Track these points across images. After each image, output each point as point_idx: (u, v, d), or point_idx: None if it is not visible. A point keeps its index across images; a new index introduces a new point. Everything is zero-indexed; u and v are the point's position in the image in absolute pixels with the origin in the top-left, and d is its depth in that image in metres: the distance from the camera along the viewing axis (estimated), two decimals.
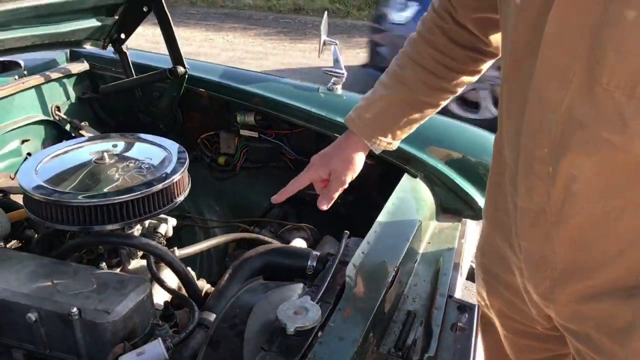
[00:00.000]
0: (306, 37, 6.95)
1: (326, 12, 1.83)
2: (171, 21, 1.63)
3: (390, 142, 1.15)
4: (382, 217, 1.26)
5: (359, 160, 1.14)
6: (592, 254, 0.87)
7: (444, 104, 1.17)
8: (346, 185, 1.14)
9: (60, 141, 1.64)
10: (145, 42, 6.29)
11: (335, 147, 1.15)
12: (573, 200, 0.83)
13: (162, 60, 1.82)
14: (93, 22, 1.57)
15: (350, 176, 1.14)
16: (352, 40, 6.72)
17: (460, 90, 1.16)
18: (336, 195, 1.14)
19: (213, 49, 6.33)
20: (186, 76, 1.65)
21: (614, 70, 0.71)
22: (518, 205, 0.91)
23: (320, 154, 1.15)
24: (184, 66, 1.64)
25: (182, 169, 1.25)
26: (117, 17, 1.61)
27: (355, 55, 5.79)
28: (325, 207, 1.13)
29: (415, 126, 1.18)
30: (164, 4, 1.58)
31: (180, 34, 6.80)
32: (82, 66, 1.79)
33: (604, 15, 0.71)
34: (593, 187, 0.81)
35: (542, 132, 0.81)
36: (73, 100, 1.78)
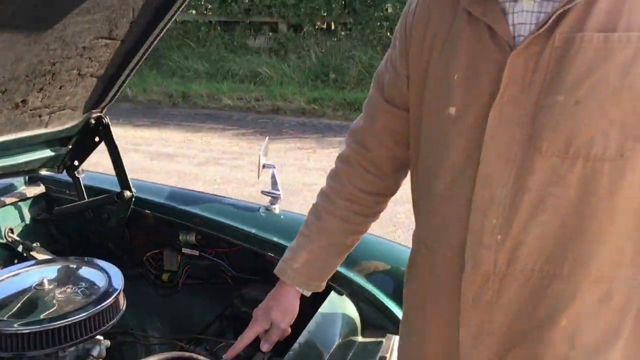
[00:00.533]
0: (282, 136, 7.23)
1: (267, 138, 2.00)
2: (119, 149, 1.76)
3: (319, 284, 1.34)
4: (302, 338, 1.35)
5: (294, 305, 1.34)
6: (528, 318, 1.00)
7: (361, 236, 1.32)
8: (288, 332, 1.36)
9: (12, 262, 1.73)
10: (125, 143, 6.52)
11: (272, 299, 1.34)
12: (516, 264, 0.98)
13: (114, 182, 1.94)
14: (48, 153, 1.71)
15: (289, 322, 1.35)
16: (325, 140, 7.00)
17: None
18: (276, 339, 1.35)
19: (191, 150, 6.55)
20: (133, 199, 1.78)
21: (550, 142, 0.92)
22: (461, 284, 1.02)
23: (261, 308, 1.35)
24: (130, 190, 1.77)
25: (116, 292, 1.34)
26: (70, 147, 1.76)
27: (329, 154, 6.02)
28: (266, 350, 1.35)
29: (340, 262, 1.34)
30: (113, 135, 1.73)
31: (161, 135, 7.11)
32: (38, 189, 1.92)
33: (538, 103, 0.92)
34: (535, 250, 0.96)
35: (492, 206, 0.97)
36: (28, 222, 1.89)
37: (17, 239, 1.80)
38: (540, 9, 0.96)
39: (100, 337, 1.42)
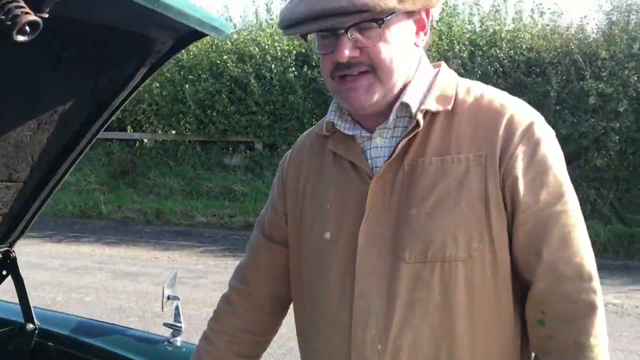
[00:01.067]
0: None
1: (176, 270, 2.06)
2: (24, 282, 1.81)
3: None
4: None
5: None
6: None
7: None
8: None
9: None
10: (91, 262, 6.51)
11: None
12: None
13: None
14: None
15: None
16: None
17: None
18: None
19: (156, 269, 6.54)
20: (36, 331, 1.80)
21: (411, 249, 1.08)
22: None
23: None
24: (33, 323, 1.80)
25: None
26: None
27: None
28: None
29: None
30: (19, 269, 1.78)
31: (128, 253, 7.13)
32: None
33: (398, 219, 1.10)
34: (413, 352, 1.08)
35: (370, 318, 1.10)
36: None
37: None
38: (390, 143, 1.17)
39: None
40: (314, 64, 9.42)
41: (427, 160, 1.10)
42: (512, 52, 8.83)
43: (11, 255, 1.76)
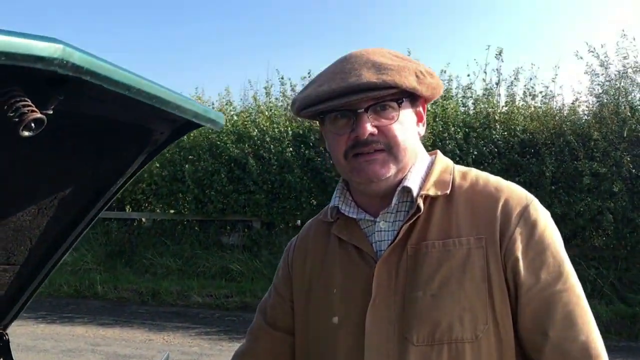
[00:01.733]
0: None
1: (168, 353, 2.05)
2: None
3: None
4: None
5: None
6: None
7: None
8: None
9: None
10: (84, 343, 6.39)
11: None
12: None
13: None
14: None
15: None
16: None
17: None
18: None
19: (150, 351, 6.42)
20: None
21: (419, 332, 1.11)
22: None
23: None
24: None
25: None
26: None
27: None
28: None
29: None
30: (11, 352, 1.78)
31: (123, 335, 7.02)
32: None
33: (404, 302, 1.13)
34: None
35: None
36: None
37: None
38: (393, 227, 1.22)
39: None
40: (311, 144, 9.64)
41: (430, 243, 1.16)
42: (506, 133, 9.05)
43: (4, 337, 1.77)
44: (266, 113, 10.49)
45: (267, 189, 9.84)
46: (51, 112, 1.05)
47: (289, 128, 9.94)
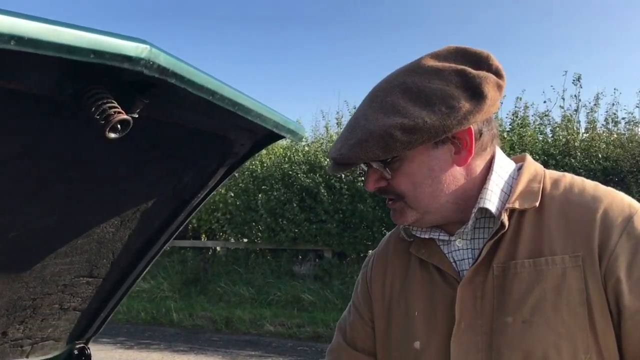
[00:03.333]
0: None
1: None
2: None
3: None
4: None
5: None
6: None
7: None
8: None
9: None
10: None
11: None
12: None
13: None
14: None
15: None
16: None
17: None
18: None
19: None
20: None
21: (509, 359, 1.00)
22: None
23: None
24: None
25: None
26: None
27: None
28: None
29: None
30: None
31: None
32: None
33: (493, 326, 1.03)
34: None
35: None
36: None
37: None
38: (472, 245, 1.13)
39: None
40: None
41: (519, 263, 1.05)
42: (587, 161, 8.66)
43: (86, 352, 1.78)
44: None
45: (338, 219, 9.80)
46: (137, 115, 1.04)
47: None
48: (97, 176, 1.25)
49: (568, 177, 1.14)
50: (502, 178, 1.14)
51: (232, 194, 10.57)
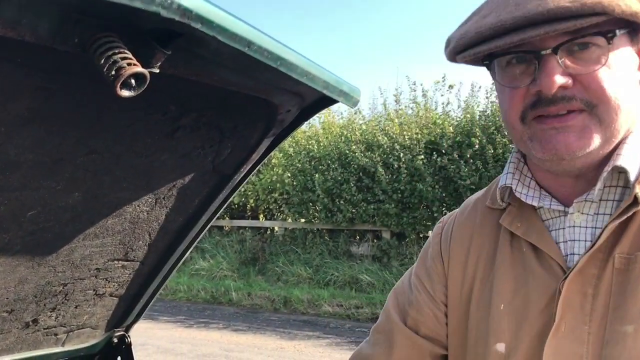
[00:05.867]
0: None
1: None
2: None
3: None
4: None
5: None
6: None
7: None
8: None
9: None
10: (218, 349, 6.49)
11: None
12: None
13: None
14: None
15: None
16: None
17: None
18: None
19: (281, 359, 6.36)
20: None
21: None
22: None
23: None
24: None
25: None
26: None
27: None
28: None
29: None
30: (133, 355, 1.67)
31: (255, 341, 7.06)
32: None
33: (605, 336, 0.77)
34: None
35: None
36: None
37: None
38: (594, 223, 0.85)
39: None
40: (443, 151, 9.21)
41: None
42: None
43: (127, 340, 1.66)
44: (396, 120, 10.22)
45: (396, 199, 9.54)
46: (157, 70, 0.87)
47: (420, 135, 9.59)
48: (122, 146, 1.09)
49: None
50: None
51: (289, 174, 10.48)
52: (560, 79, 0.79)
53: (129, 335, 1.67)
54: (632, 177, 0.81)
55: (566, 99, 0.80)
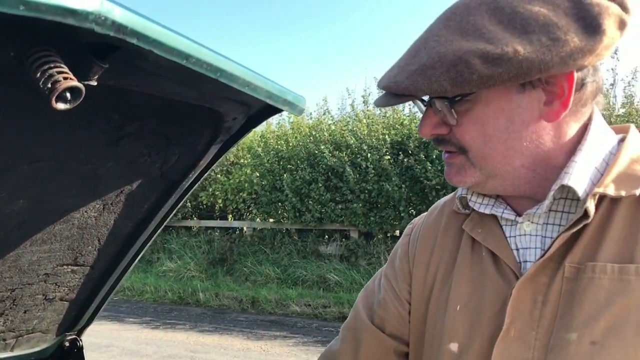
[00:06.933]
0: None
1: None
2: None
3: None
4: None
5: None
6: None
7: None
8: None
9: None
10: (184, 350, 6.46)
11: None
12: None
13: None
14: None
15: None
16: None
17: None
18: None
19: None
20: None
21: None
22: None
23: None
24: None
25: None
26: None
27: None
28: None
29: None
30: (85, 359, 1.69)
31: (221, 342, 7.02)
32: None
33: (550, 342, 0.80)
34: None
35: None
36: None
37: None
38: (544, 232, 0.90)
39: None
40: (410, 151, 9.33)
41: (600, 266, 0.81)
42: None
43: (78, 343, 1.67)
44: (364, 121, 10.30)
45: (364, 198, 9.63)
46: (94, 83, 0.89)
47: (387, 136, 9.69)
48: (66, 154, 1.11)
49: None
50: (598, 151, 0.88)
51: (258, 174, 10.48)
52: (430, 130, 0.90)
53: (80, 339, 1.68)
54: (580, 193, 0.84)
55: (444, 142, 0.90)
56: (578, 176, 0.85)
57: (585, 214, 0.82)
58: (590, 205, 0.82)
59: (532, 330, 0.83)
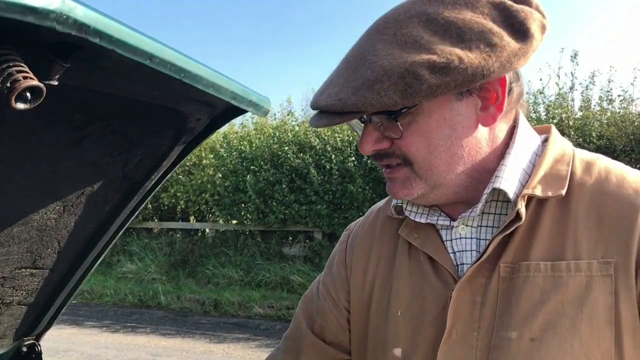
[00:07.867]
0: None
1: None
2: None
3: None
4: None
5: None
6: None
7: None
8: None
9: None
10: (145, 354, 6.36)
11: None
12: None
13: None
14: None
15: None
16: None
17: None
18: None
19: None
20: None
21: None
22: None
23: None
24: None
25: None
26: None
27: None
28: None
29: None
30: None
31: (183, 345, 6.94)
32: None
33: (491, 342, 0.83)
34: None
35: None
36: None
37: None
38: (478, 234, 0.92)
39: None
40: None
41: (533, 265, 0.84)
42: (581, 139, 8.57)
43: (37, 349, 1.63)
44: None
45: (328, 200, 9.67)
46: (55, 83, 0.87)
47: (351, 137, 9.74)
48: (24, 155, 1.08)
49: (603, 161, 0.91)
50: (525, 153, 0.91)
51: (221, 175, 10.40)
52: (372, 146, 0.89)
53: (39, 344, 1.64)
54: (511, 196, 0.87)
55: (387, 155, 0.90)
56: (508, 179, 0.88)
57: (518, 216, 0.86)
58: (522, 208, 0.85)
59: (473, 331, 0.86)
